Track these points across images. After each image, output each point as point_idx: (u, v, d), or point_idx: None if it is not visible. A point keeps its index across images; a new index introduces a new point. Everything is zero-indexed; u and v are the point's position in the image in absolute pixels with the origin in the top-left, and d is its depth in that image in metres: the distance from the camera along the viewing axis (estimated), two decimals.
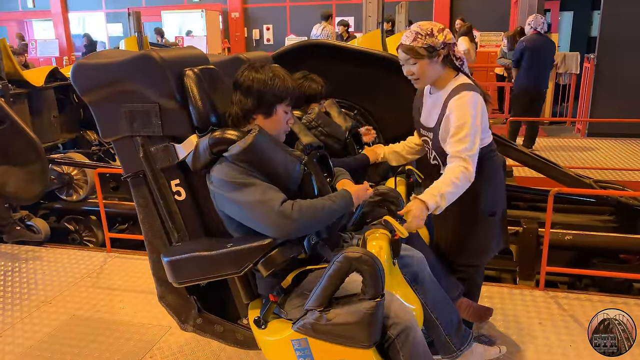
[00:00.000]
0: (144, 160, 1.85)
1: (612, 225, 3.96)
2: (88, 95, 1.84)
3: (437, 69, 2.10)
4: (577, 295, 3.13)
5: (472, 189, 2.06)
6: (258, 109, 1.79)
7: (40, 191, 4.12)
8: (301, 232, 1.69)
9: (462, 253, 2.35)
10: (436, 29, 2.05)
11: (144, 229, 2.00)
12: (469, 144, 2.00)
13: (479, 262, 2.41)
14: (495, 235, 2.32)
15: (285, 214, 1.61)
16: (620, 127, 7.37)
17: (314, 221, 1.68)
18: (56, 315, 3.09)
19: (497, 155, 2.29)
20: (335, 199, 1.75)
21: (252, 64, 1.85)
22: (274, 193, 1.66)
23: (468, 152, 2.00)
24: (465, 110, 2.02)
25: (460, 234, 2.31)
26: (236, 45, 13.77)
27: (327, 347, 1.62)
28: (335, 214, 1.75)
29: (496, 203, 2.29)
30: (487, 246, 2.33)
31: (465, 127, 2.00)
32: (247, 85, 1.78)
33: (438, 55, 2.06)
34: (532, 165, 4.02)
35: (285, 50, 3.12)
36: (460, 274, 2.37)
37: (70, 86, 5.28)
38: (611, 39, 7.44)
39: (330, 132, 2.48)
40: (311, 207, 1.67)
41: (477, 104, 2.05)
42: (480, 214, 2.25)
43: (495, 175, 2.27)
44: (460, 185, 1.99)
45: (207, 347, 2.67)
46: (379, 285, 1.54)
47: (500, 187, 2.32)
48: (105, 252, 4.00)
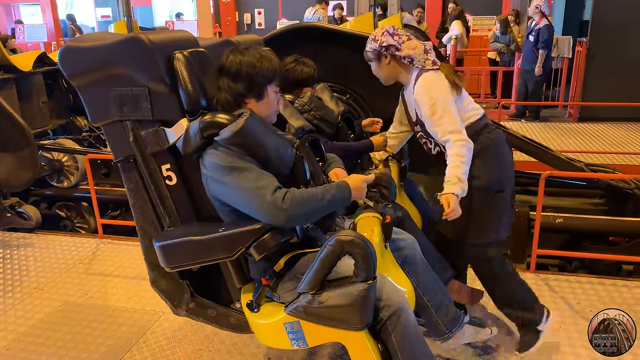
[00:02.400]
0: (134, 145, 1.83)
1: (602, 208, 4.00)
2: (76, 79, 1.82)
3: (391, 69, 2.25)
4: (567, 277, 3.17)
5: (475, 166, 2.11)
6: (250, 92, 1.77)
7: (30, 178, 4.09)
8: (293, 222, 1.66)
9: (473, 230, 2.28)
10: (380, 34, 2.21)
11: (135, 214, 1.99)
12: (448, 116, 2.08)
13: (491, 238, 2.31)
14: (506, 211, 2.30)
15: (277, 204, 1.59)
16: (612, 111, 7.40)
17: (307, 213, 1.65)
18: (48, 301, 3.09)
19: (495, 130, 2.26)
20: (332, 190, 1.70)
21: (235, 47, 1.82)
22: (268, 180, 1.64)
23: (453, 125, 2.07)
24: (427, 90, 2.12)
25: (470, 212, 2.21)
26: (227, 30, 13.61)
27: (319, 329, 1.63)
28: (331, 206, 1.71)
29: (503, 179, 2.25)
30: (497, 222, 2.29)
31: (435, 105, 2.08)
32: (235, 69, 1.76)
33: (384, 57, 2.22)
34: (524, 149, 4.04)
35: (277, 34, 3.09)
36: (474, 253, 2.34)
37: (59, 71, 5.19)
38: (603, 22, 7.43)
39: (323, 116, 2.46)
40: (305, 199, 1.63)
41: (435, 80, 2.13)
42: (486, 190, 2.21)
43: (498, 150, 2.24)
44: (468, 158, 2.06)
45: (200, 332, 2.69)
46: (371, 268, 1.55)
47: (505, 164, 2.28)
48: (97, 239, 3.99)
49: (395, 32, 2.22)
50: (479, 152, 2.16)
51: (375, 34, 2.24)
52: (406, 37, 2.22)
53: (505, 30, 8.39)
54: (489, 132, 2.23)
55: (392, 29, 2.22)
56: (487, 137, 2.21)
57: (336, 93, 2.92)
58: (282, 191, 1.62)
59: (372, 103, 3.10)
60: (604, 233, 3.81)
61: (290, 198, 1.60)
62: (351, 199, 1.74)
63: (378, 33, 2.23)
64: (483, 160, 2.18)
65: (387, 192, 2.10)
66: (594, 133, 6.93)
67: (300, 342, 1.68)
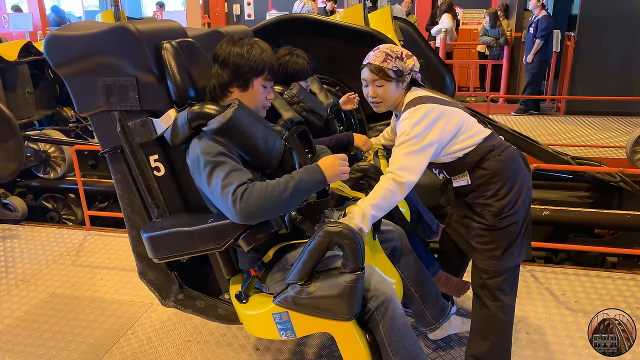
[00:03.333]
0: (122, 135, 1.81)
1: (588, 201, 4.05)
2: (62, 68, 1.79)
3: (399, 93, 2.00)
4: (552, 269, 3.21)
5: (487, 193, 1.95)
6: (233, 81, 1.76)
7: (15, 169, 4.05)
8: (252, 220, 1.58)
9: (481, 254, 2.04)
10: (405, 54, 1.98)
11: (122, 205, 1.98)
12: (406, 159, 1.83)
13: (495, 266, 2.02)
14: (515, 241, 2.00)
15: (234, 200, 1.53)
16: (598, 105, 7.49)
17: (268, 207, 1.56)
18: (35, 293, 3.06)
19: (506, 151, 1.98)
20: (297, 176, 1.61)
21: (232, 37, 1.81)
22: (238, 176, 1.58)
23: (407, 163, 1.83)
24: (413, 121, 1.86)
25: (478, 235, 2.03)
26: (216, 20, 13.49)
27: (308, 320, 1.64)
28: (298, 192, 1.60)
29: (515, 205, 1.96)
30: (504, 251, 1.99)
31: (407, 140, 1.84)
32: (223, 57, 1.75)
33: (404, 80, 1.98)
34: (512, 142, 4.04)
35: (266, 25, 3.07)
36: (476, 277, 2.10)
37: (45, 61, 5.12)
38: (591, 17, 7.49)
39: (312, 108, 2.46)
40: (263, 193, 1.54)
41: (431, 116, 1.87)
42: (496, 216, 1.96)
43: (511, 173, 1.96)
44: (390, 196, 1.81)
45: (188, 323, 2.69)
46: (359, 258, 1.56)
47: (521, 187, 1.97)
48: (84, 230, 3.96)
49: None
50: (489, 179, 1.94)
51: (399, 52, 1.98)
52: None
53: (494, 24, 8.43)
54: (498, 155, 1.95)
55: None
56: (497, 160, 1.94)
57: (326, 85, 2.91)
58: (242, 187, 1.55)
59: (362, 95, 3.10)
60: (589, 225, 3.86)
61: (248, 195, 1.54)
62: (326, 181, 1.64)
63: (402, 52, 1.98)
64: (493, 185, 1.95)
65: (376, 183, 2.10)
66: (581, 126, 7.00)
67: (289, 333, 1.69)
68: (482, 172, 1.95)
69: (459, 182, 2.03)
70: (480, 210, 1.99)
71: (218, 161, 1.60)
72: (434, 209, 2.75)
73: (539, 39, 7.45)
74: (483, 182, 1.96)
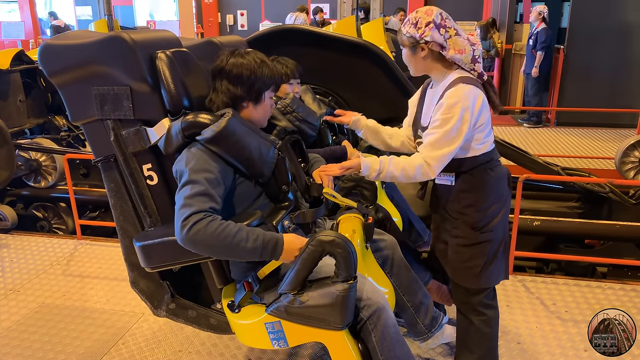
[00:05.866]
0: (115, 144, 1.82)
1: (578, 212, 4.09)
2: (56, 77, 1.80)
3: (426, 64, 1.88)
4: (543, 279, 3.23)
5: (465, 200, 1.94)
6: (248, 96, 1.79)
7: (6, 177, 4.02)
8: (194, 249, 1.56)
9: (459, 269, 2.03)
10: (424, 21, 1.81)
11: (115, 214, 1.98)
12: (448, 141, 1.79)
13: (473, 284, 2.02)
14: (493, 258, 1.98)
15: (183, 225, 1.52)
16: (588, 117, 7.58)
17: (211, 249, 1.56)
18: (25, 303, 3.03)
19: (497, 167, 1.96)
20: (258, 241, 1.57)
21: (234, 50, 1.83)
22: (201, 201, 1.56)
23: (440, 150, 1.80)
24: (453, 103, 1.78)
25: (458, 250, 2.01)
26: (209, 31, 13.54)
27: (300, 329, 1.64)
28: (248, 253, 1.58)
29: (493, 220, 1.95)
30: (481, 268, 1.97)
31: (452, 120, 1.78)
32: (236, 72, 1.76)
33: (421, 49, 1.84)
34: (502, 152, 4.10)
35: (260, 35, 3.09)
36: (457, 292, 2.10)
37: (37, 70, 5.13)
38: (580, 30, 7.61)
39: (305, 117, 2.47)
40: (216, 235, 1.52)
41: (476, 96, 1.80)
42: (472, 228, 1.95)
43: (493, 188, 1.94)
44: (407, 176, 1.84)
45: (180, 333, 2.67)
46: (351, 268, 1.56)
47: (500, 204, 1.96)
48: (75, 240, 3.93)
49: (442, 24, 1.81)
50: (472, 187, 1.92)
51: (419, 18, 1.82)
52: (454, 32, 1.83)
53: (485, 36, 8.53)
54: (490, 169, 1.93)
55: (440, 18, 1.82)
56: (487, 173, 1.92)
57: (319, 95, 2.93)
58: (197, 216, 1.53)
59: (355, 106, 3.12)
60: (579, 236, 3.90)
61: (199, 228, 1.52)
62: (277, 259, 1.63)
63: (422, 19, 1.82)
64: (474, 195, 1.93)
65: (369, 193, 2.12)
66: (571, 138, 7.08)
67: (281, 342, 1.69)
68: (468, 178, 1.93)
69: (442, 180, 1.99)
70: (456, 218, 1.98)
71: (195, 180, 1.59)
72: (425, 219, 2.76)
73: (540, 50, 7.57)
74: (465, 189, 1.93)
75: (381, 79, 2.57)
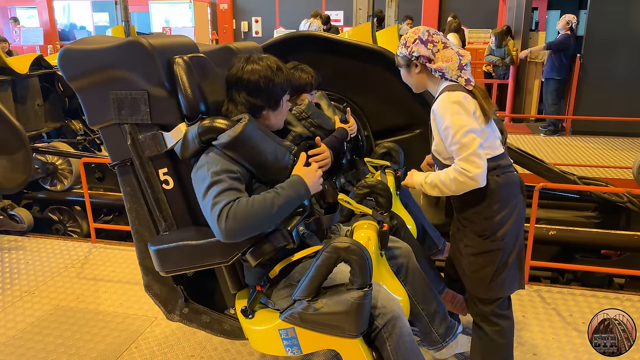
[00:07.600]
0: (132, 148, 1.83)
1: (594, 221, 4.02)
2: (75, 82, 1.82)
3: (420, 79, 2.02)
4: (559, 289, 3.18)
5: (473, 209, 1.95)
6: (268, 104, 1.81)
7: (23, 180, 4.07)
8: (237, 238, 1.58)
9: (471, 278, 2.04)
10: (411, 40, 1.96)
11: (130, 218, 1.99)
12: (465, 139, 1.81)
13: (484, 294, 2.03)
14: (504, 267, 1.97)
15: (220, 219, 1.54)
16: (604, 125, 7.48)
17: (255, 224, 1.57)
18: (39, 305, 3.06)
19: (506, 174, 1.96)
20: (284, 192, 1.63)
21: (249, 57, 1.84)
22: (229, 194, 1.58)
23: (466, 150, 1.82)
24: (447, 110, 1.86)
25: (469, 259, 2.03)
26: (224, 37, 13.66)
27: (314, 336, 1.63)
28: (284, 209, 1.63)
29: (504, 229, 1.95)
30: (492, 277, 1.97)
31: (450, 128, 1.84)
32: (254, 81, 1.77)
33: (414, 65, 1.99)
34: (518, 161, 4.06)
35: (275, 42, 3.11)
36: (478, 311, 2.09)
37: (55, 74, 5.20)
38: (597, 38, 7.53)
39: (320, 124, 2.47)
40: (249, 210, 1.55)
41: (456, 101, 1.86)
42: (481, 237, 1.97)
43: (503, 195, 1.94)
44: (451, 187, 1.87)
45: (192, 338, 2.67)
46: (366, 275, 1.55)
47: (511, 212, 1.95)
48: (90, 243, 3.96)
49: (429, 39, 1.94)
50: (476, 193, 1.91)
51: (407, 38, 1.98)
52: (442, 45, 1.94)
53: (500, 44, 8.48)
54: (497, 175, 1.92)
55: (427, 35, 1.95)
56: (493, 180, 1.91)
57: (333, 101, 2.93)
58: (228, 206, 1.55)
59: (369, 112, 3.11)
60: (596, 246, 3.83)
61: (233, 212, 1.54)
62: (310, 193, 1.70)
63: (410, 38, 1.97)
64: (479, 201, 1.93)
65: (384, 200, 2.11)
66: (587, 146, 7.00)
67: (295, 349, 1.68)
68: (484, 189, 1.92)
69: None
70: (465, 226, 2.00)
71: (218, 180, 1.61)
72: (440, 227, 2.74)
73: (551, 49, 7.58)
74: (470, 195, 1.91)
75: (395, 85, 2.57)
